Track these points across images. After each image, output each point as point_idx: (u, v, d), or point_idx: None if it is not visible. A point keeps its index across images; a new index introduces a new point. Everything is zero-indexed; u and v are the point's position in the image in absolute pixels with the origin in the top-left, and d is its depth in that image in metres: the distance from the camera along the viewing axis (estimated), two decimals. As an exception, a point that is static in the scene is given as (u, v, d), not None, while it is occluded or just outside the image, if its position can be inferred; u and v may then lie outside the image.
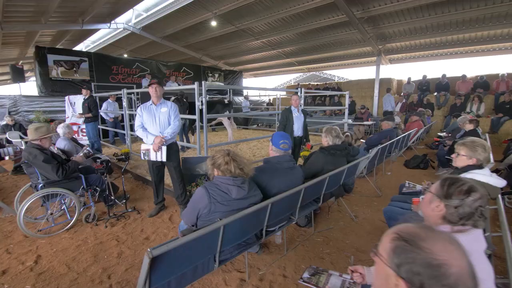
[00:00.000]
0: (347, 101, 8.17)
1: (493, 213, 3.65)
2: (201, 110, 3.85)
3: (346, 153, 2.86)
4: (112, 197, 3.47)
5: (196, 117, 3.91)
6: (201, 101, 3.78)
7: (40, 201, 2.97)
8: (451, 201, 1.07)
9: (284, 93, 15.29)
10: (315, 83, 16.10)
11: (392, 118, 5.21)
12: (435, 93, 11.19)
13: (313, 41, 12.72)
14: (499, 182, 1.98)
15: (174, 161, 3.27)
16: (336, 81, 20.93)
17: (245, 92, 14.38)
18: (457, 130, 5.88)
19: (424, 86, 11.66)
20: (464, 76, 10.76)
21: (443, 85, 11.07)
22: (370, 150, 3.70)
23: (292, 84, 22.62)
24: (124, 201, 3.52)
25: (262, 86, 24.75)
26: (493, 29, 9.76)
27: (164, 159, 3.08)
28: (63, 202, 3.16)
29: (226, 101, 7.64)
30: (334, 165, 2.74)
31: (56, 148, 3.68)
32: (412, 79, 12.42)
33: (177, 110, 3.29)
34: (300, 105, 5.90)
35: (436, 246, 0.61)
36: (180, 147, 6.55)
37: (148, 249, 1.22)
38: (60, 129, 4.03)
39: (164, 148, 3.03)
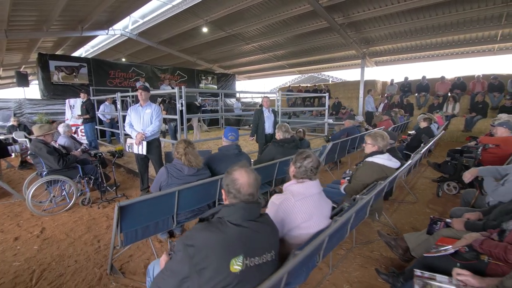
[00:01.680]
0: (327, 102, 8.77)
1: (431, 196, 4.27)
2: (181, 111, 4.48)
3: (294, 145, 3.48)
4: (105, 185, 4.10)
5: (177, 117, 4.55)
6: (181, 103, 4.41)
7: (44, 186, 3.60)
8: (296, 164, 1.69)
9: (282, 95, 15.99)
10: (305, 85, 16.71)
11: (353, 117, 5.84)
12: (416, 94, 11.79)
13: (301, 45, 13.37)
14: (394, 164, 2.60)
15: (155, 154, 3.90)
16: (330, 82, 21.75)
17: (237, 94, 15.02)
18: (420, 128, 6.48)
19: (406, 87, 12.27)
20: (443, 78, 11.37)
21: (423, 86, 11.67)
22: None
23: (288, 85, 23.28)
24: (115, 188, 4.15)
25: (261, 88, 25.43)
26: (468, 33, 10.40)
27: (144, 152, 3.71)
28: (63, 188, 3.79)
29: (197, 103, 8.38)
30: (284, 155, 3.35)
31: (57, 144, 4.31)
32: (396, 81, 13.04)
33: (160, 112, 3.91)
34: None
35: (236, 172, 1.24)
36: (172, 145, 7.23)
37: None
38: (60, 128, 4.67)
39: (144, 143, 3.66)
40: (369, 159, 2.62)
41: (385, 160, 2.57)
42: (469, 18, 9.44)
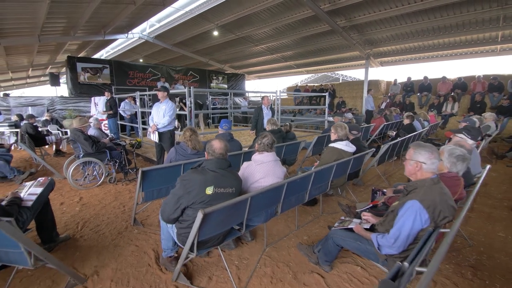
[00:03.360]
0: (326, 102, 9.40)
1: (374, 175, 4.89)
2: (190, 108, 5.31)
3: (280, 135, 4.23)
4: (127, 167, 4.99)
5: (187, 113, 5.39)
6: (190, 101, 5.24)
7: (80, 166, 4.52)
8: (258, 141, 2.46)
9: (285, 94, 16.77)
10: (312, 85, 17.30)
11: (341, 114, 6.48)
12: (418, 94, 12.18)
13: (307, 47, 14.00)
14: (350, 149, 3.31)
15: (166, 143, 4.78)
16: (341, 80, 22.31)
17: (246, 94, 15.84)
18: (409, 125, 7.03)
19: (409, 87, 12.68)
20: (444, 78, 11.73)
21: (426, 86, 12.05)
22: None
23: (296, 85, 23.90)
24: (135, 170, 5.03)
25: (273, 88, 26.09)
26: (468, 34, 10.70)
27: (156, 141, 4.60)
28: (94, 168, 4.70)
29: (200, 102, 9.40)
30: (271, 143, 4.10)
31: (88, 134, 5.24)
32: (399, 81, 13.45)
33: (171, 109, 4.75)
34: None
35: (214, 142, 2.02)
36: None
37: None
38: (91, 121, 5.60)
39: (156, 133, 4.54)
40: (331, 144, 3.34)
41: (343, 145, 3.28)
42: (468, 21, 9.77)
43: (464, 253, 2.70)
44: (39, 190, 2.33)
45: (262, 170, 2.31)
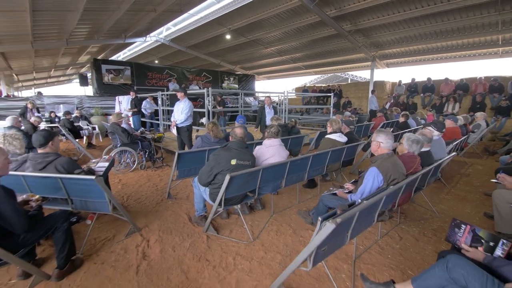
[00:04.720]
0: (331, 101, 10.05)
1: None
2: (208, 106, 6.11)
3: (286, 130, 4.99)
4: (155, 156, 5.82)
5: (205, 110, 6.20)
6: (209, 100, 6.04)
7: (117, 154, 5.38)
8: (267, 130, 3.22)
9: (293, 94, 17.46)
10: (320, 85, 17.91)
11: (341, 113, 7.15)
12: (421, 94, 12.68)
13: (315, 49, 14.66)
14: (342, 139, 4.03)
15: (183, 136, 5.65)
16: (349, 81, 22.83)
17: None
18: (406, 123, 7.65)
19: (413, 88, 13.19)
20: (446, 79, 12.19)
21: (429, 87, 12.54)
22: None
23: (303, 85, 24.54)
24: (162, 159, 5.87)
25: (283, 88, 26.73)
26: (470, 38, 11.15)
27: (175, 134, 5.43)
28: (128, 157, 5.55)
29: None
30: (278, 136, 4.85)
31: (121, 128, 6.09)
32: (404, 82, 13.95)
33: (187, 107, 5.54)
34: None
35: (236, 129, 2.79)
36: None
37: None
38: (123, 116, 6.47)
39: (175, 128, 5.37)
40: (327, 136, 4.07)
41: (337, 137, 4.01)
42: (468, 25, 10.25)
43: (431, 221, 3.39)
44: (106, 164, 3.15)
45: (270, 151, 3.08)
